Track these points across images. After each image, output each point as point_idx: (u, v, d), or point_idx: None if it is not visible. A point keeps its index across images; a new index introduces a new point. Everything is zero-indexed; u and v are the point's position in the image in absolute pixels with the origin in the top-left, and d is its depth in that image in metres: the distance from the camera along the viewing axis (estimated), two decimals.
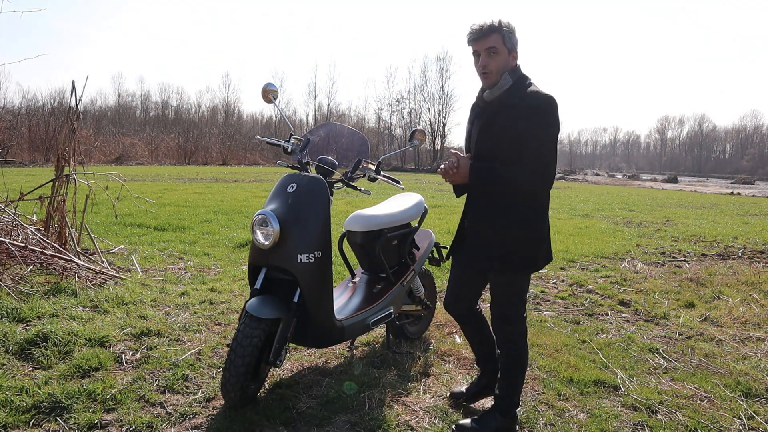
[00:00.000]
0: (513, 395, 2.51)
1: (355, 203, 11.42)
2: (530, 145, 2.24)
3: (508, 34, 2.32)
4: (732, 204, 16.75)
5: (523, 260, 2.38)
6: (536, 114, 2.25)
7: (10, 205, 5.05)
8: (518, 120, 2.26)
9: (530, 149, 2.24)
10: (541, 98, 2.26)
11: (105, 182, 6.94)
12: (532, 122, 2.24)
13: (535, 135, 2.24)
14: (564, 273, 5.81)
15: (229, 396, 2.47)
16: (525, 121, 2.25)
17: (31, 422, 2.36)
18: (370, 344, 3.55)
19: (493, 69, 2.33)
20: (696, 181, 43.72)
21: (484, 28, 2.31)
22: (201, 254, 5.94)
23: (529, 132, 2.24)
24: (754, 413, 2.75)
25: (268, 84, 2.93)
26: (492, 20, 2.32)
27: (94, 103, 50.04)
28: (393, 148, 45.36)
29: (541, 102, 2.26)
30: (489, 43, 2.31)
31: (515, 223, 2.35)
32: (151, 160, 33.66)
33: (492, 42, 2.30)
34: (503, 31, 2.31)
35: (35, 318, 3.53)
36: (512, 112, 2.28)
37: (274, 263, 2.61)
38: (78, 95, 5.10)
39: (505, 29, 2.32)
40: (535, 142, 2.24)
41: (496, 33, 2.31)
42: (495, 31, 2.31)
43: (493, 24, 2.31)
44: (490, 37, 2.31)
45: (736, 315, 4.41)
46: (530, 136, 2.24)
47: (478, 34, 2.31)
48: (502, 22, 2.32)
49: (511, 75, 2.34)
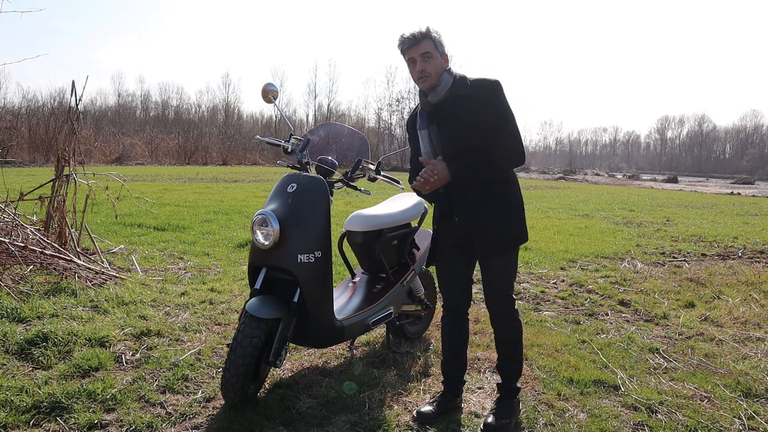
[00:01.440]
0: (519, 370, 2.69)
1: (355, 203, 11.42)
2: (500, 126, 2.41)
3: (438, 38, 2.46)
4: (732, 204, 16.75)
5: (519, 235, 2.55)
6: (494, 97, 2.42)
7: (10, 205, 5.05)
8: (479, 107, 2.40)
9: (501, 129, 2.41)
10: (492, 83, 2.43)
11: (105, 182, 6.94)
12: (494, 105, 2.41)
13: (500, 115, 2.41)
14: (564, 273, 5.81)
15: (229, 396, 2.47)
16: (487, 106, 2.41)
17: (31, 422, 2.36)
18: (370, 344, 3.55)
19: (431, 72, 2.44)
20: (696, 181, 43.72)
21: (416, 35, 2.43)
22: (201, 254, 5.94)
23: (494, 114, 2.41)
24: (754, 413, 2.75)
25: (268, 84, 2.93)
26: (421, 28, 2.44)
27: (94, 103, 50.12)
28: (393, 148, 45.35)
29: (493, 85, 2.43)
30: (423, 48, 2.41)
31: (505, 203, 2.51)
32: (151, 160, 33.66)
33: (425, 47, 2.42)
34: (433, 37, 2.43)
35: (35, 318, 3.53)
36: (470, 102, 2.42)
37: (274, 263, 2.61)
38: (78, 95, 5.10)
39: (435, 35, 2.45)
40: (502, 122, 2.41)
41: (428, 39, 2.43)
42: (426, 37, 2.43)
43: (422, 31, 2.42)
44: (423, 42, 2.42)
45: (736, 315, 4.41)
46: (497, 118, 2.41)
47: (412, 41, 2.43)
48: (430, 29, 2.44)
49: (449, 74, 2.48)
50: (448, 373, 2.76)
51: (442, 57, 2.46)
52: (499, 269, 2.56)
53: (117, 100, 54.54)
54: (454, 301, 2.71)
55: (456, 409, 2.70)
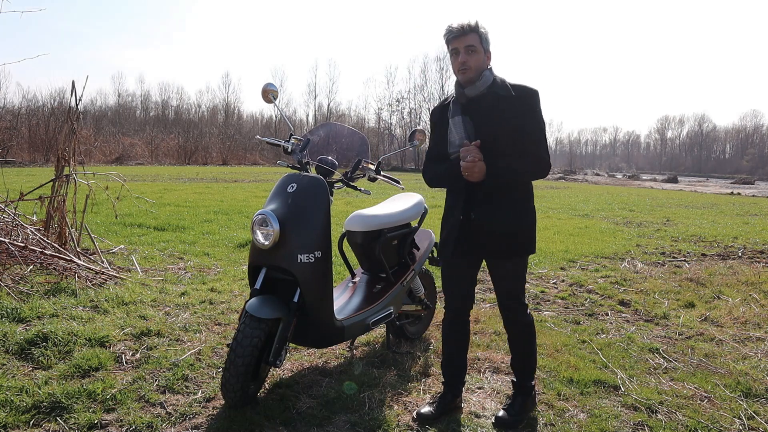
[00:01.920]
0: (533, 368, 2.72)
1: (355, 203, 11.42)
2: (535, 136, 2.44)
3: (485, 35, 2.46)
4: (732, 204, 16.75)
5: (529, 245, 2.57)
6: (530, 105, 2.44)
7: (10, 205, 5.05)
8: (519, 112, 2.42)
9: (536, 140, 2.44)
10: (532, 91, 2.46)
11: (105, 182, 6.94)
12: (532, 113, 2.44)
13: (534, 125, 2.44)
14: (564, 273, 5.81)
15: (229, 396, 2.47)
16: (526, 112, 2.43)
17: (31, 422, 2.36)
18: (370, 344, 3.55)
19: (472, 66, 2.44)
20: (696, 181, 43.71)
21: (464, 26, 2.43)
22: (201, 254, 5.94)
23: (528, 123, 2.42)
24: (754, 413, 2.75)
25: (268, 84, 2.93)
26: (470, 20, 2.44)
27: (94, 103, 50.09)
28: (393, 148, 45.39)
29: (533, 93, 2.45)
30: (468, 41, 2.42)
31: (523, 212, 2.53)
32: (151, 160, 33.66)
33: (471, 41, 2.42)
34: (481, 32, 2.44)
35: (35, 318, 3.53)
36: (510, 104, 2.43)
37: (274, 263, 2.61)
38: (78, 95, 5.10)
39: (483, 30, 2.45)
40: (536, 132, 2.44)
41: (474, 33, 2.43)
42: (473, 30, 2.43)
43: (470, 24, 2.42)
44: (469, 35, 2.42)
45: (736, 315, 4.41)
46: (531, 127, 2.43)
47: (459, 32, 2.43)
48: (479, 24, 2.44)
49: (490, 72, 2.49)
50: (448, 374, 2.76)
51: (485, 54, 2.46)
52: (511, 272, 2.59)
53: (117, 100, 54.56)
54: (457, 301, 2.70)
55: (456, 410, 2.70)
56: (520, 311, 2.64)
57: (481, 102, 2.47)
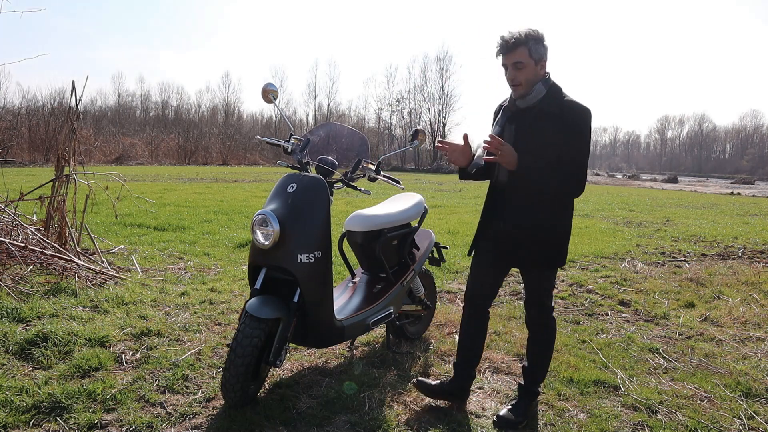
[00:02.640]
0: (544, 375, 2.76)
1: (355, 203, 11.42)
2: (569, 153, 2.37)
3: (535, 45, 2.37)
4: (732, 204, 16.75)
5: (559, 258, 2.57)
6: (576, 125, 2.36)
7: (10, 205, 5.05)
8: (559, 129, 2.37)
9: (569, 156, 2.37)
10: (581, 110, 2.38)
11: (105, 182, 6.94)
12: (573, 133, 2.36)
13: (574, 144, 2.37)
14: (564, 273, 5.81)
15: (229, 396, 2.47)
16: (566, 130, 2.36)
17: (31, 422, 2.36)
18: (370, 344, 3.55)
19: (522, 81, 2.40)
20: (696, 181, 43.71)
21: (510, 42, 2.36)
22: (201, 254, 5.94)
23: (569, 141, 2.37)
24: (754, 413, 2.75)
25: (268, 84, 2.93)
26: (519, 33, 2.37)
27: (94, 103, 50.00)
28: (393, 148, 45.37)
29: (582, 113, 2.38)
30: (515, 57, 2.37)
31: (554, 225, 2.50)
32: (151, 160, 33.66)
33: (518, 56, 2.37)
34: (529, 44, 2.36)
35: (35, 318, 3.53)
36: (553, 121, 2.38)
37: (274, 263, 2.61)
38: (78, 95, 5.10)
39: (532, 41, 2.36)
40: (574, 151, 2.38)
41: (522, 46, 2.36)
42: (521, 44, 2.36)
43: (519, 37, 2.36)
44: (516, 51, 2.37)
45: (736, 315, 4.41)
46: (570, 146, 2.37)
47: (505, 48, 2.38)
48: (529, 35, 2.36)
49: (544, 84, 2.43)
50: (460, 361, 2.79)
51: (538, 64, 2.39)
52: (538, 281, 2.63)
53: (117, 100, 54.48)
54: (478, 299, 2.75)
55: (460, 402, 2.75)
56: (544, 315, 2.69)
57: (528, 114, 2.45)
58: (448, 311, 4.18)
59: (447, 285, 5.10)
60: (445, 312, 4.15)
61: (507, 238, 2.55)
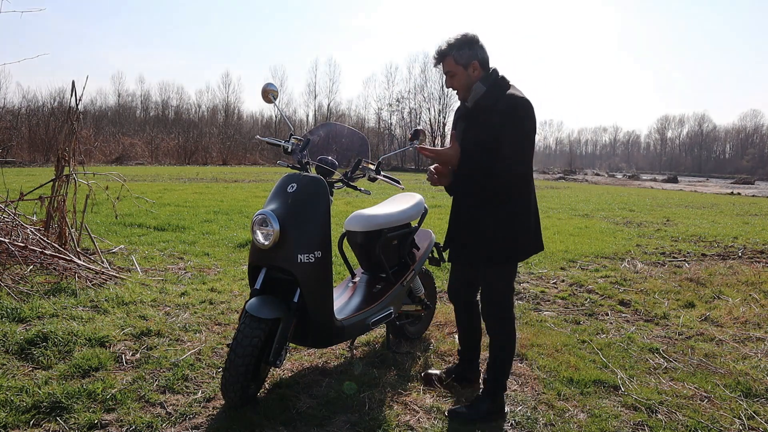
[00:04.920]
0: (501, 378, 2.67)
1: (355, 203, 11.42)
2: (507, 141, 2.42)
3: (458, 52, 2.48)
4: (732, 204, 16.75)
5: (506, 254, 2.57)
6: (512, 116, 2.41)
7: (10, 205, 5.05)
8: (496, 122, 2.43)
9: (506, 145, 2.42)
10: (516, 101, 2.43)
11: (105, 182, 6.94)
12: (509, 124, 2.41)
13: (511, 133, 2.41)
14: (564, 273, 5.81)
15: (229, 396, 2.47)
16: (502, 122, 2.41)
17: (31, 422, 2.36)
18: (370, 344, 3.55)
19: (457, 87, 2.54)
20: (696, 181, 43.70)
21: (436, 56, 2.52)
22: (201, 254, 5.94)
23: (506, 131, 2.41)
24: (754, 413, 2.75)
25: (268, 84, 2.93)
26: (442, 45, 2.51)
27: (94, 103, 50.05)
28: (393, 148, 45.37)
29: (516, 104, 2.42)
30: (444, 68, 2.53)
31: (498, 221, 2.52)
32: (151, 160, 33.66)
33: (446, 67, 2.53)
34: (453, 53, 2.49)
35: (35, 318, 3.52)
36: (489, 115, 2.46)
37: (274, 263, 2.61)
38: (78, 95, 5.10)
39: (455, 49, 2.48)
40: (511, 139, 2.42)
41: (447, 57, 2.50)
42: (445, 55, 2.50)
43: (442, 49, 2.50)
44: (443, 62, 2.52)
45: (736, 315, 4.41)
46: (508, 134, 2.41)
47: (435, 62, 2.54)
48: (452, 44, 2.49)
49: (483, 82, 2.52)
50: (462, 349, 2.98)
51: (468, 68, 2.49)
52: (489, 274, 2.64)
53: (117, 100, 54.53)
54: (458, 291, 2.88)
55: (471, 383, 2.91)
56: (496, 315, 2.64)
57: (472, 112, 2.57)
58: (448, 311, 4.18)
59: (447, 285, 5.10)
60: (445, 312, 4.15)
61: (460, 237, 2.67)
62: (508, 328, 2.67)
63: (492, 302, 2.65)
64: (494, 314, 2.66)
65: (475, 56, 2.49)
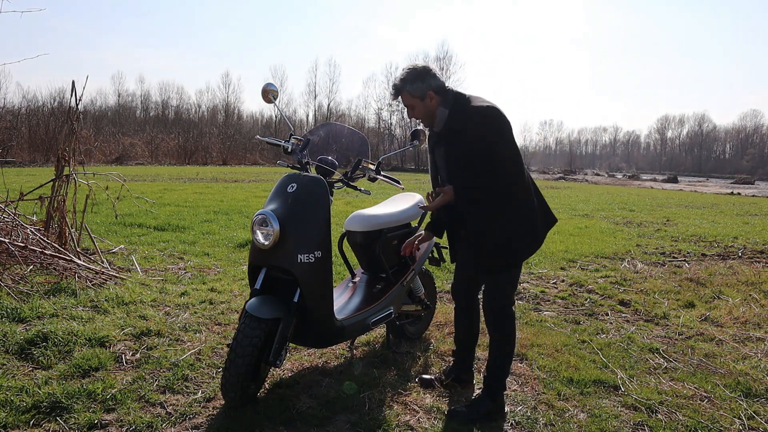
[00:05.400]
0: (501, 378, 2.67)
1: (355, 203, 11.42)
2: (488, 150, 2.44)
3: (411, 85, 2.54)
4: (732, 204, 16.75)
5: (505, 262, 2.59)
6: (484, 126, 2.45)
7: (10, 205, 5.05)
8: (471, 136, 2.47)
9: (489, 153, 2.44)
10: (483, 111, 2.46)
11: (105, 182, 6.94)
12: (484, 134, 2.44)
13: (490, 141, 2.44)
14: (564, 273, 5.81)
15: (229, 396, 2.47)
16: (477, 135, 2.45)
17: (31, 422, 2.36)
18: (370, 344, 3.55)
19: (420, 117, 2.59)
20: (696, 181, 43.70)
21: (392, 91, 2.59)
22: (201, 254, 5.94)
23: (485, 142, 2.44)
24: (754, 413, 2.75)
25: (268, 84, 2.93)
26: (395, 81, 2.58)
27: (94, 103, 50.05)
28: (393, 148, 45.35)
29: (485, 114, 2.46)
30: (403, 102, 2.59)
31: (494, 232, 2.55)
32: (151, 160, 33.66)
33: (404, 101, 2.62)
34: (406, 87, 2.54)
35: (35, 318, 3.52)
36: (463, 136, 2.51)
37: (274, 263, 2.61)
38: (78, 95, 5.10)
39: (408, 83, 2.54)
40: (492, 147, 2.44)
41: (402, 92, 2.56)
42: (399, 91, 2.56)
43: (396, 85, 2.56)
44: (400, 97, 2.58)
45: (736, 315, 4.41)
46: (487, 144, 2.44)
47: (392, 98, 2.61)
48: (404, 79, 2.55)
49: (445, 106, 2.55)
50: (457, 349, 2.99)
51: (424, 99, 2.53)
52: (491, 282, 2.67)
53: (117, 100, 54.55)
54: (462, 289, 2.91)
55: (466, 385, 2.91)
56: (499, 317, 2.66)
57: (441, 138, 2.61)
58: (448, 311, 4.18)
59: (447, 285, 5.10)
60: (445, 312, 4.15)
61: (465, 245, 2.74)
62: (509, 327, 2.67)
63: (494, 301, 2.65)
64: (496, 313, 2.66)
65: (429, 87, 2.53)
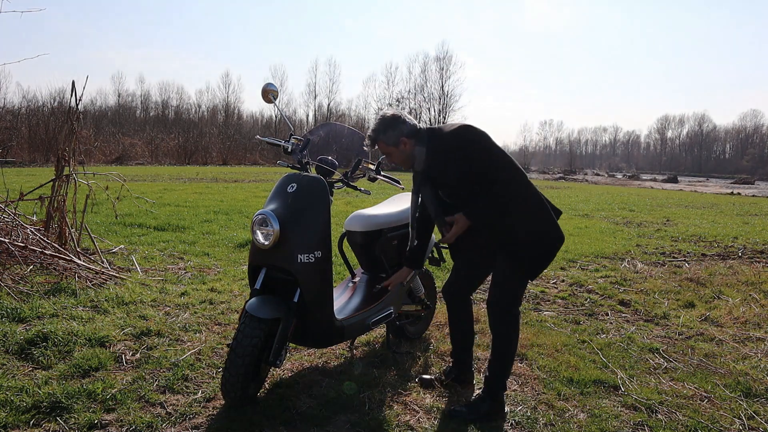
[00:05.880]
0: (502, 377, 2.67)
1: (355, 203, 11.42)
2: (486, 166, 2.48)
3: (385, 135, 2.61)
4: (732, 204, 16.75)
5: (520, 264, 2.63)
6: (465, 145, 2.50)
7: (10, 205, 5.05)
8: (461, 163, 2.51)
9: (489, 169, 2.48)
10: (458, 131, 2.53)
11: (105, 182, 6.94)
12: (467, 153, 2.50)
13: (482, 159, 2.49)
14: (564, 273, 5.81)
15: (229, 396, 2.47)
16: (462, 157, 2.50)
17: (31, 422, 2.36)
18: (370, 344, 3.55)
19: (400, 161, 2.66)
20: (696, 181, 43.71)
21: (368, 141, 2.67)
22: (201, 254, 5.94)
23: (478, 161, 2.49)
24: (754, 413, 2.75)
25: (268, 84, 2.93)
26: (370, 133, 2.64)
27: (94, 103, 50.04)
28: None
29: (460, 134, 2.52)
30: (381, 151, 2.67)
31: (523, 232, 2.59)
32: (151, 160, 33.66)
33: (381, 150, 2.65)
34: (380, 137, 2.61)
35: (35, 318, 3.52)
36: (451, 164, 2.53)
37: (274, 263, 2.61)
38: (78, 95, 5.10)
39: (381, 134, 2.61)
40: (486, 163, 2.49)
41: (378, 142, 2.63)
42: (376, 141, 2.64)
43: (371, 136, 2.64)
44: (378, 146, 2.66)
45: (736, 315, 4.41)
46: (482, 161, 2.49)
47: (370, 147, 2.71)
48: (377, 130, 2.64)
49: (420, 145, 2.60)
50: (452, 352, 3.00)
51: (399, 145, 2.60)
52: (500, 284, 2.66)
53: (117, 100, 54.54)
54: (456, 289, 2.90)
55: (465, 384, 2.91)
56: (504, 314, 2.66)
57: (428, 173, 2.65)
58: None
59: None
60: (445, 312, 4.12)
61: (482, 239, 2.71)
62: (511, 327, 2.67)
63: (502, 301, 2.64)
64: (503, 313, 2.65)
65: (401, 133, 2.59)
